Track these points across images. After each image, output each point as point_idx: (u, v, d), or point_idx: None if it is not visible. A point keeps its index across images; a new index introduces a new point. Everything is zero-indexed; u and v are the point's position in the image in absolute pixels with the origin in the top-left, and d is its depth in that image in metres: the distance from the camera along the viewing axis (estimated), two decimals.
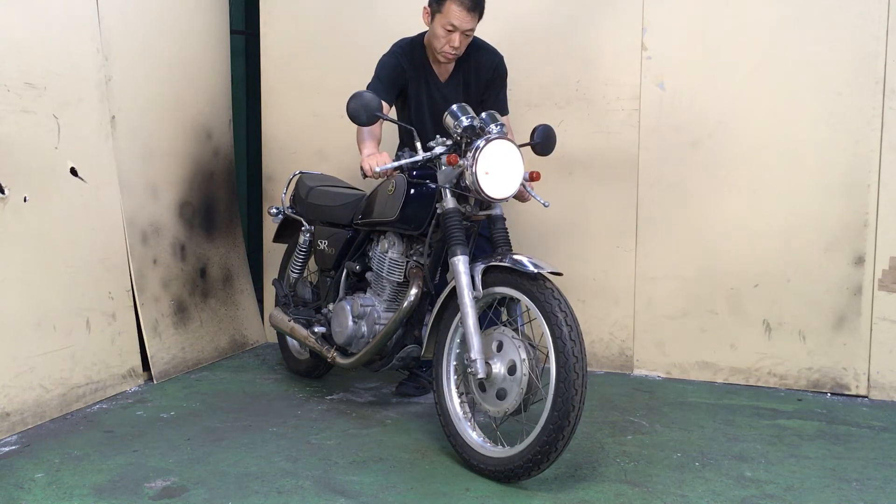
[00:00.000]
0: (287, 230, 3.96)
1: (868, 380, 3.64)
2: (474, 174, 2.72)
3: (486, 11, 3.47)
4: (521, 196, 3.09)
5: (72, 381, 3.30)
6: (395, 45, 3.41)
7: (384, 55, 3.39)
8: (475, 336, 2.67)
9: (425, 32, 3.37)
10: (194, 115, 4.16)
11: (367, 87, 3.31)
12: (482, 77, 3.44)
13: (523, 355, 2.61)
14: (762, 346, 3.79)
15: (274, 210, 3.88)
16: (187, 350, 3.96)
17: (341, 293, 3.47)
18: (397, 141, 3.68)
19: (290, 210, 3.84)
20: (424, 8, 3.30)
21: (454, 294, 2.78)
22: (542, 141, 3.07)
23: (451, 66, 3.42)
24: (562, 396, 2.48)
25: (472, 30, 3.25)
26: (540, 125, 3.09)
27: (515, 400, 2.61)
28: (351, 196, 3.55)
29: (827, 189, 3.64)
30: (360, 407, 3.46)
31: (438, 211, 2.92)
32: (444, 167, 2.85)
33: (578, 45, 3.95)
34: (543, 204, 2.96)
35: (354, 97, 2.90)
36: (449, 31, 3.21)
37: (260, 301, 4.64)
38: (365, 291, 3.36)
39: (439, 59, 3.33)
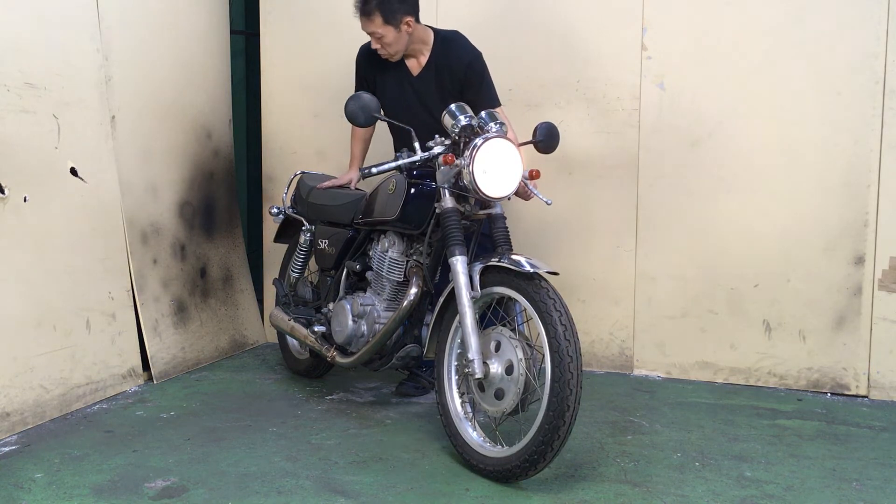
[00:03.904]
0: (288, 230, 3.96)
1: (868, 380, 3.64)
2: (472, 173, 2.72)
3: (486, 11, 3.47)
4: (523, 194, 3.09)
5: (72, 381, 3.31)
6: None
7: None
8: (473, 336, 2.67)
9: None
10: (194, 115, 4.16)
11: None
12: (455, 74, 3.43)
13: (520, 355, 2.61)
14: (762, 346, 3.79)
15: (275, 210, 3.88)
16: (187, 350, 3.96)
17: (341, 292, 3.47)
18: (390, 140, 3.69)
19: (290, 210, 3.85)
20: None
21: (455, 294, 2.78)
22: (545, 139, 3.06)
23: (423, 60, 3.46)
24: (557, 396, 2.48)
25: (378, 33, 3.30)
26: (542, 123, 3.08)
27: (513, 400, 2.61)
28: (351, 196, 3.55)
29: (827, 189, 3.64)
30: (360, 407, 3.46)
31: (437, 211, 2.92)
32: (441, 167, 2.85)
33: (578, 45, 3.95)
34: (546, 202, 2.94)
35: (353, 99, 2.93)
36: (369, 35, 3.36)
37: (260, 301, 4.64)
38: (365, 291, 3.36)
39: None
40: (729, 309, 3.83)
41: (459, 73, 3.42)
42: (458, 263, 2.75)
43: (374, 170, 2.91)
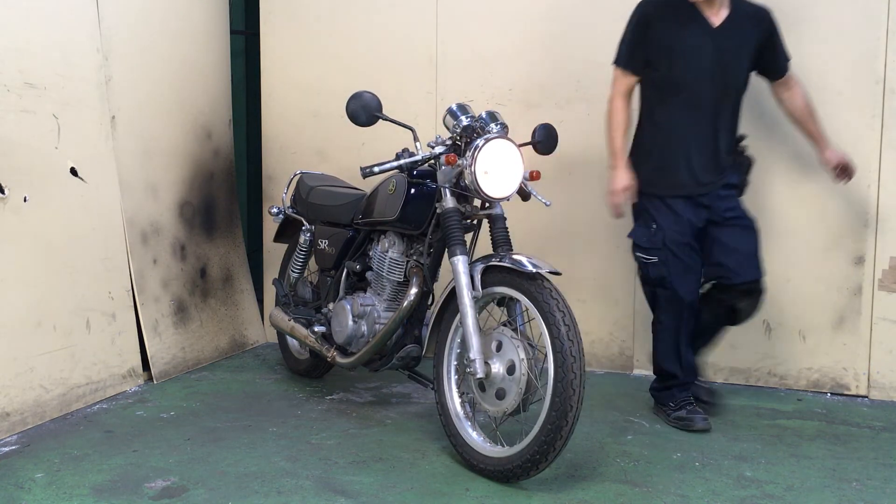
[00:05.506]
0: (287, 230, 3.96)
1: (868, 380, 3.63)
2: (473, 174, 2.73)
3: (486, 10, 3.45)
4: (522, 195, 3.09)
5: (72, 381, 3.31)
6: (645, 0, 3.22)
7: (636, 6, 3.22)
8: (474, 336, 2.67)
9: None
10: (194, 115, 4.16)
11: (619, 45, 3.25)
12: (759, 25, 3.19)
13: (522, 355, 2.61)
14: (762, 346, 3.79)
15: (275, 210, 3.88)
16: (187, 350, 3.96)
17: (341, 293, 3.47)
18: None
19: (290, 210, 3.85)
20: None
21: (455, 293, 2.78)
22: (544, 140, 3.07)
23: (724, 11, 3.14)
24: (560, 396, 2.48)
25: None
26: (541, 124, 3.09)
27: (514, 400, 2.62)
28: (351, 196, 3.55)
29: (827, 189, 3.64)
30: (360, 407, 3.46)
31: (438, 211, 2.92)
32: (443, 167, 2.85)
33: (578, 45, 3.95)
34: (545, 203, 2.96)
35: (354, 97, 2.92)
36: None
37: (260, 301, 4.64)
38: (365, 291, 3.36)
39: None
40: None
41: (764, 24, 3.19)
42: (460, 263, 2.76)
43: (375, 169, 2.91)
